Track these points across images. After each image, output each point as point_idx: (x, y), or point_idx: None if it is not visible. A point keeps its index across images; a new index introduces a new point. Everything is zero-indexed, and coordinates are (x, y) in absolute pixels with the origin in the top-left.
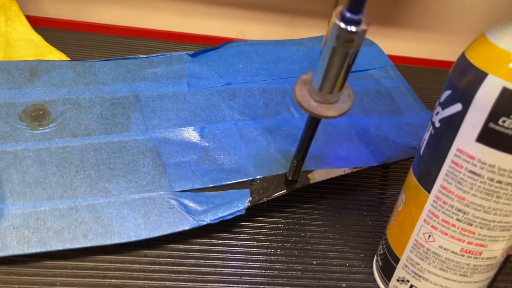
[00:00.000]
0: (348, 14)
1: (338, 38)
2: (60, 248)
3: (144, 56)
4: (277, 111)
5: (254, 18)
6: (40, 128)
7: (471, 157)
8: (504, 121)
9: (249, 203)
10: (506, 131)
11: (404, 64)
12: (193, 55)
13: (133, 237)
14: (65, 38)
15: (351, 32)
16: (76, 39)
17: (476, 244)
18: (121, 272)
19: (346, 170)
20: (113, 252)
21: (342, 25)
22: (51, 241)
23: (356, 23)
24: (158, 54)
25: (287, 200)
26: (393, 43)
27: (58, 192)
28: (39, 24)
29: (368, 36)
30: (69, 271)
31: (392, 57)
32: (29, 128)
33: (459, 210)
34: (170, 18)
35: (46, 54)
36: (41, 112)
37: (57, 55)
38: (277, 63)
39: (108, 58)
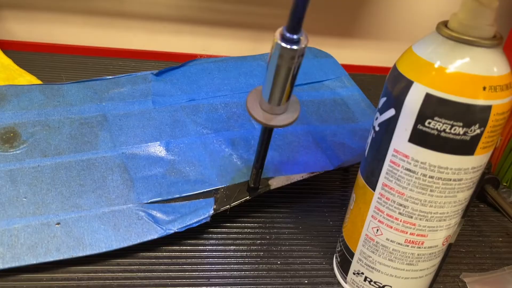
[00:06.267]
0: (288, 34)
1: (281, 56)
2: (34, 262)
3: (110, 77)
4: (238, 124)
5: (220, 34)
6: (11, 150)
7: (406, 156)
8: (429, 123)
9: (213, 211)
10: (432, 131)
11: (364, 73)
12: (157, 74)
13: (104, 248)
14: (35, 60)
15: (291, 50)
16: (46, 60)
17: (418, 235)
18: (95, 281)
19: (304, 175)
20: (87, 263)
21: (283, 44)
22: (25, 256)
23: (295, 42)
24: (123, 75)
25: (253, 206)
26: (353, 53)
27: (30, 210)
28: (8, 47)
29: (329, 47)
30: (44, 282)
31: (352, 67)
32: (1, 150)
33: (400, 205)
34: (138, 36)
35: (17, 77)
36: (11, 134)
37: (27, 77)
38: (238, 78)
39: (78, 78)
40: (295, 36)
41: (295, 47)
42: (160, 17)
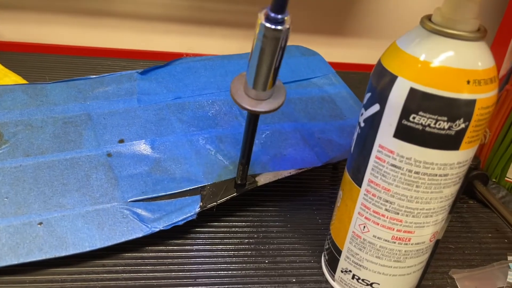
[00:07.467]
0: (272, 15)
1: (265, 37)
2: (16, 262)
3: (95, 76)
4: (225, 121)
5: (207, 34)
6: None
7: (391, 152)
8: (414, 118)
9: (200, 208)
10: (417, 126)
11: (354, 71)
12: (142, 73)
13: (87, 248)
14: (21, 60)
15: (275, 30)
16: (32, 61)
17: (405, 231)
18: (78, 283)
19: (292, 172)
20: (71, 264)
21: (268, 24)
22: (7, 256)
23: (280, 22)
24: (108, 74)
25: (240, 204)
26: (343, 51)
27: (12, 210)
28: None
29: (318, 45)
30: (27, 285)
31: (342, 65)
32: None
33: (386, 201)
34: (127, 36)
35: (2, 77)
36: None
37: (13, 78)
38: (224, 76)
39: (64, 78)
40: (279, 16)
41: (279, 27)
42: (148, 16)
